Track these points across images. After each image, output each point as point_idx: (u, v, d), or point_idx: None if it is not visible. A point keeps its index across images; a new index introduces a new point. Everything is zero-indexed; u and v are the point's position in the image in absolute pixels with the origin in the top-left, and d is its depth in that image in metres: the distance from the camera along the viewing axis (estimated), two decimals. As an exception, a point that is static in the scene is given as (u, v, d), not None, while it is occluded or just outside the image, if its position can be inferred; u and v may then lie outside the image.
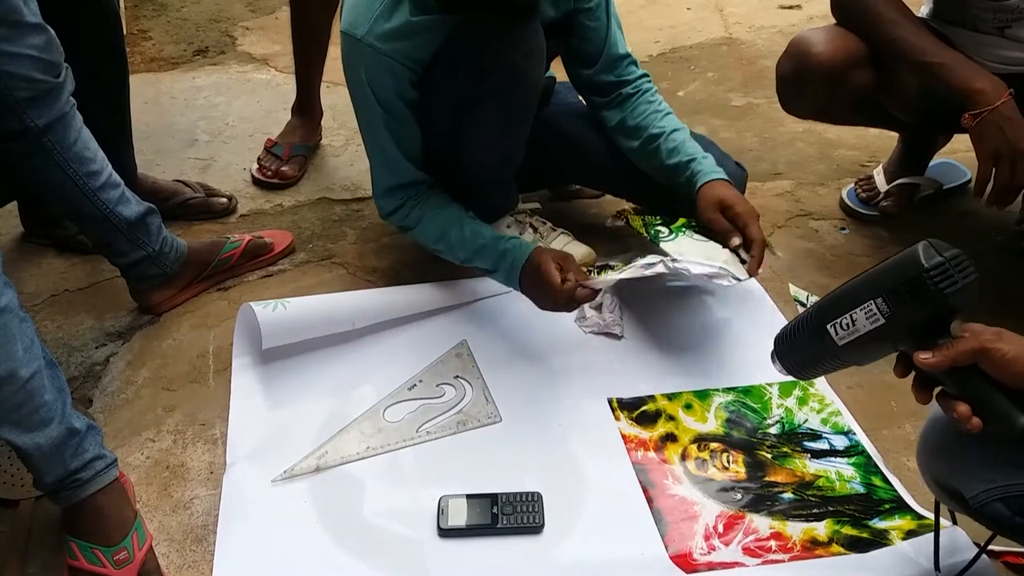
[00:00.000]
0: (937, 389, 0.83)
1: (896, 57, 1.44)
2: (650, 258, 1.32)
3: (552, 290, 1.29)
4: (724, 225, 1.36)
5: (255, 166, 1.94)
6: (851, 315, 0.82)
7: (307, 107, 2.01)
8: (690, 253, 1.35)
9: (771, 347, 1.41)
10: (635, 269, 1.32)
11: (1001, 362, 0.76)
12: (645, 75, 1.53)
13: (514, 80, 1.33)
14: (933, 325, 0.80)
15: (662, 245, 1.40)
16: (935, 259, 0.78)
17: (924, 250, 0.79)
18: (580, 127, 1.60)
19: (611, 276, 1.34)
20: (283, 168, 1.92)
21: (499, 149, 1.44)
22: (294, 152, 1.95)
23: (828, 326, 0.83)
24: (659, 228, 1.44)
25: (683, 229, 1.43)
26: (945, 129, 1.76)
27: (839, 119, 1.75)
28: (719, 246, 1.37)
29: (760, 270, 1.36)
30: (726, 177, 1.42)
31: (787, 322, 0.92)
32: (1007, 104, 1.32)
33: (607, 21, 1.46)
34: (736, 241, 1.35)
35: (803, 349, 0.88)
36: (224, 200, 1.83)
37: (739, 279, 1.31)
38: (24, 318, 1.02)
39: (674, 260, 1.31)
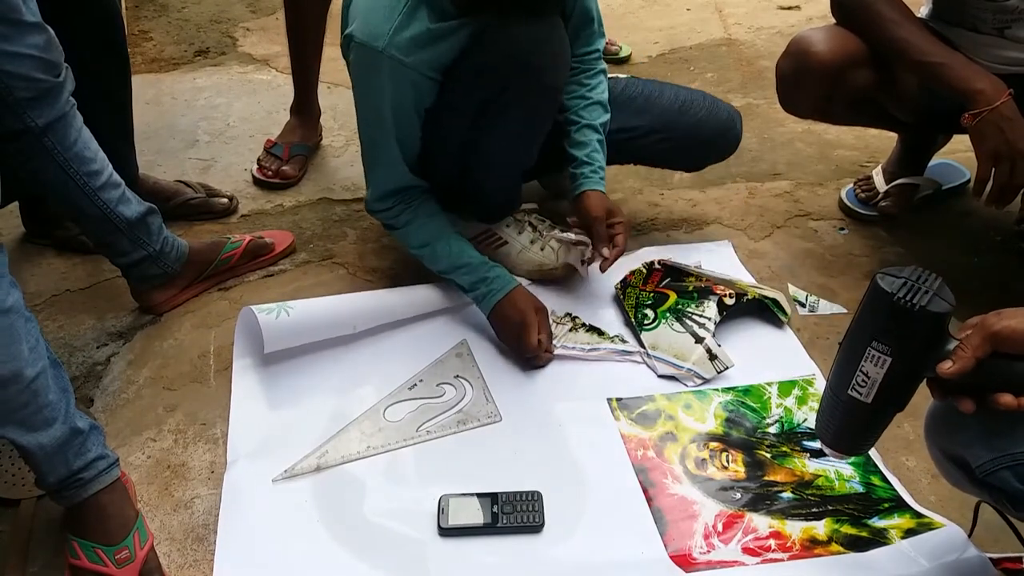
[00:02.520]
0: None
1: (896, 57, 1.45)
2: (630, 345, 1.45)
3: (526, 345, 1.38)
4: (603, 233, 1.47)
5: (255, 166, 1.94)
6: (860, 370, 0.82)
7: (305, 107, 2.01)
8: (665, 346, 1.42)
9: (772, 350, 1.45)
10: (612, 351, 1.44)
11: (1014, 336, 0.77)
12: (597, 51, 1.54)
13: (539, 85, 1.34)
14: (934, 338, 0.80)
15: (643, 335, 1.45)
16: (896, 282, 0.79)
17: (882, 281, 0.80)
18: None
19: (584, 344, 1.44)
20: (283, 168, 1.92)
21: (515, 152, 1.46)
22: (294, 152, 1.95)
23: (849, 392, 0.84)
24: (646, 311, 1.48)
25: (667, 315, 1.46)
26: (945, 129, 1.76)
27: (839, 119, 1.75)
28: (693, 340, 1.42)
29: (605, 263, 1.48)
30: (603, 190, 1.50)
31: (816, 414, 0.93)
32: (1007, 104, 1.32)
33: None
34: (607, 251, 1.46)
35: (845, 426, 0.88)
36: (225, 200, 1.83)
37: (705, 378, 1.38)
38: (29, 318, 1.03)
39: (648, 355, 1.42)
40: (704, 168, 1.73)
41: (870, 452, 1.27)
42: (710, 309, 1.45)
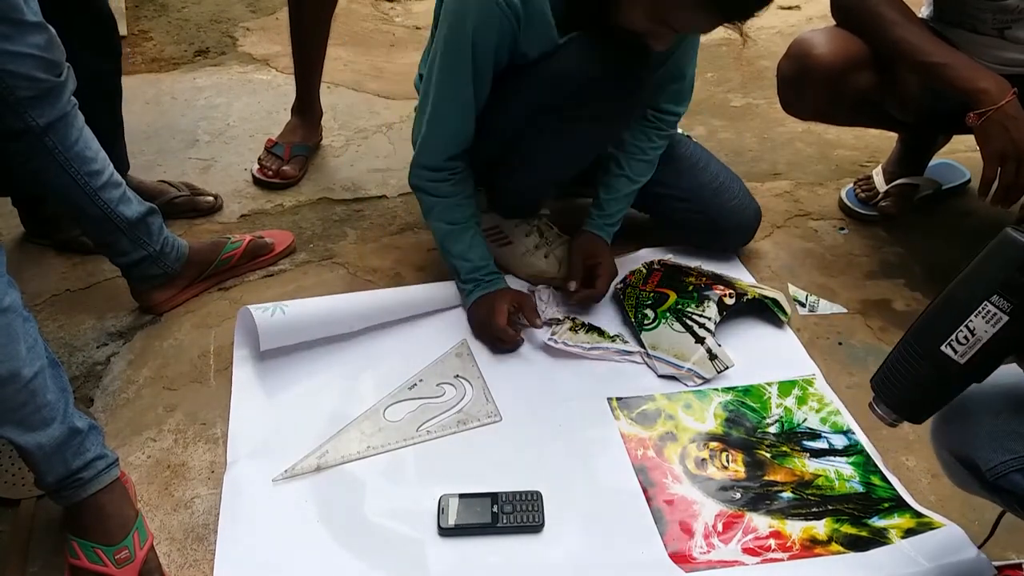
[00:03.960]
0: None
1: (898, 58, 1.44)
2: (631, 345, 1.45)
3: (494, 324, 1.40)
4: (578, 269, 1.50)
5: (256, 166, 1.94)
6: (967, 325, 0.76)
7: (307, 107, 2.01)
8: (666, 346, 1.43)
9: (772, 350, 1.45)
10: (612, 351, 1.44)
11: None
12: (675, 115, 1.53)
13: (606, 117, 1.34)
14: None
15: (643, 335, 1.46)
16: None
17: (1016, 233, 0.74)
18: None
19: (584, 343, 1.44)
20: (284, 168, 1.92)
21: (556, 164, 1.46)
22: (295, 152, 1.95)
23: (942, 348, 0.77)
24: (646, 312, 1.48)
25: (667, 315, 1.46)
26: (946, 130, 1.76)
27: (840, 120, 1.75)
28: (693, 340, 1.42)
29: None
30: (607, 240, 1.55)
31: (880, 366, 0.85)
32: (1012, 103, 1.31)
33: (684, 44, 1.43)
34: (573, 286, 1.48)
35: (920, 386, 0.81)
36: (210, 199, 1.83)
37: (706, 378, 1.39)
38: (27, 318, 1.02)
39: (648, 355, 1.42)
40: (705, 248, 1.67)
41: (871, 452, 1.27)
42: (710, 309, 1.45)
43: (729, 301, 1.46)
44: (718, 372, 1.39)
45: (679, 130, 1.67)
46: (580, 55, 1.26)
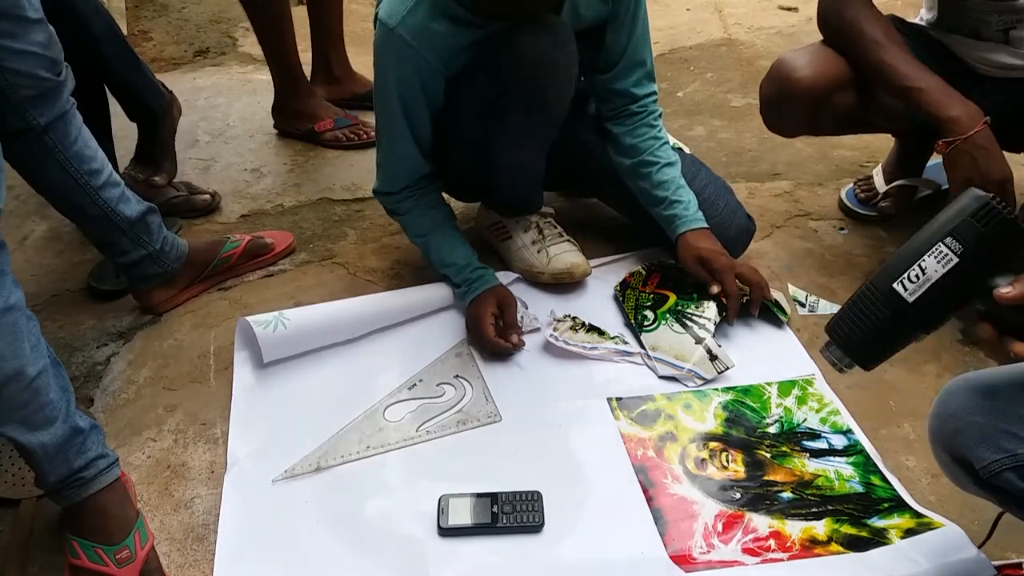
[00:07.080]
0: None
1: (877, 80, 1.43)
2: (631, 346, 1.45)
3: (483, 338, 1.41)
4: (704, 276, 1.46)
5: (332, 139, 2.07)
6: (920, 264, 0.80)
7: (308, 88, 2.10)
8: (666, 347, 1.42)
9: (772, 350, 1.45)
10: (612, 351, 1.43)
11: None
12: (654, 94, 1.55)
13: (536, 96, 1.35)
14: (1007, 253, 0.78)
15: (642, 336, 1.45)
16: (988, 194, 0.77)
17: (980, 191, 0.78)
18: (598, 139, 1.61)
19: (585, 343, 1.43)
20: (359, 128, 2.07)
21: (520, 154, 1.47)
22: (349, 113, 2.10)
23: (895, 284, 0.81)
24: (646, 313, 1.48)
25: (666, 316, 1.46)
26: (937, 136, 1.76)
27: (827, 133, 1.75)
28: (693, 340, 1.42)
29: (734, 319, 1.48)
30: (706, 225, 1.49)
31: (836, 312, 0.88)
32: (982, 133, 1.30)
33: (632, 27, 1.45)
34: (715, 289, 1.44)
35: (867, 321, 0.83)
36: (207, 197, 1.83)
37: (706, 379, 1.38)
38: (31, 317, 1.03)
39: (648, 356, 1.42)
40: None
41: (870, 452, 1.27)
42: (710, 309, 1.46)
43: None
44: (718, 373, 1.39)
45: (672, 140, 1.67)
46: (494, 48, 1.31)
